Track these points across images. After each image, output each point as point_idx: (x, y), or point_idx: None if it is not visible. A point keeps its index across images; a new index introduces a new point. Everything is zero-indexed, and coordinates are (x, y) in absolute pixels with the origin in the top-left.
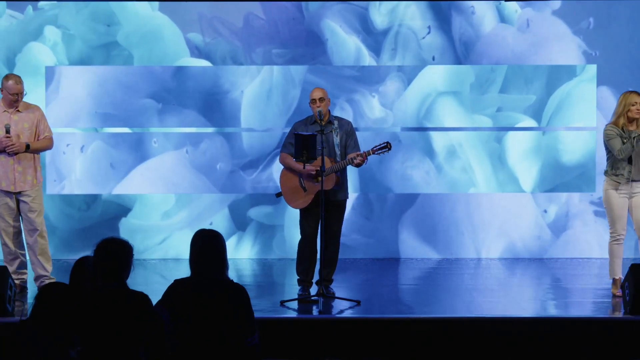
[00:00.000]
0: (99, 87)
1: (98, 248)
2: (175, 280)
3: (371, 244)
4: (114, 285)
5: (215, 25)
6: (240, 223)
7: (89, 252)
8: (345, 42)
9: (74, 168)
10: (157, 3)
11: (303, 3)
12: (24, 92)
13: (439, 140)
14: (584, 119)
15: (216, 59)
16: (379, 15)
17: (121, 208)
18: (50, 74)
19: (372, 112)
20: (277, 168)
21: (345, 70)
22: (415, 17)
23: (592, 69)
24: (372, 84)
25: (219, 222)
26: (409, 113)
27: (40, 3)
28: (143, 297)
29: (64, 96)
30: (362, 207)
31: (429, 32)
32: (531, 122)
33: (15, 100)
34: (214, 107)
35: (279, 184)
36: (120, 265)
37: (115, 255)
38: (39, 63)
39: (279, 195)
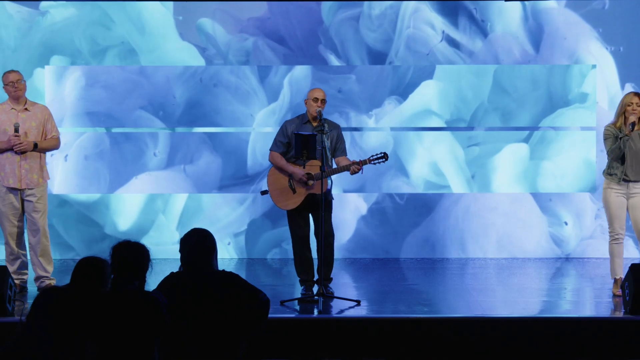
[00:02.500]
0: (99, 88)
1: (114, 251)
2: (172, 273)
3: (372, 244)
4: (131, 287)
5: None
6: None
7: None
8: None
9: (69, 170)
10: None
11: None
12: (23, 82)
13: (441, 141)
14: (584, 118)
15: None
16: (371, 33)
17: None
18: (50, 74)
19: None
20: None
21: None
22: (420, 19)
23: (594, 73)
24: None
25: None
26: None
27: (42, 4)
28: (156, 300)
29: (63, 96)
30: (363, 208)
31: (442, 39)
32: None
33: (15, 91)
34: (216, 108)
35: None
36: (137, 267)
37: (132, 257)
38: (43, 91)
39: (264, 193)
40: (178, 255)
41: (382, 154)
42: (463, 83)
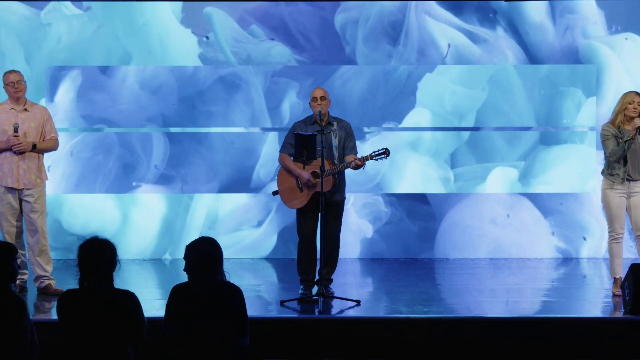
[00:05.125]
0: (98, 88)
1: (81, 250)
2: (174, 287)
3: (372, 244)
4: (100, 286)
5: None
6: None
7: None
8: None
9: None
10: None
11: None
12: (24, 82)
13: (445, 140)
14: (584, 118)
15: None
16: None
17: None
18: (50, 74)
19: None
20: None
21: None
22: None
23: (594, 70)
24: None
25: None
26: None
27: (44, 16)
28: (129, 296)
29: (63, 97)
30: (362, 209)
31: (447, 53)
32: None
33: (16, 91)
34: (216, 107)
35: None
36: (105, 266)
37: (99, 255)
38: None
39: (275, 193)
40: None
41: (384, 150)
42: (462, 84)
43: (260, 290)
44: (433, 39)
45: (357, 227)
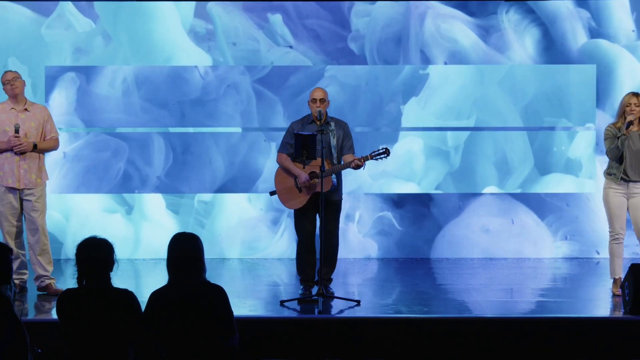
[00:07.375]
0: (99, 89)
1: (79, 250)
2: (152, 293)
3: (372, 244)
4: (98, 285)
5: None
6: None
7: None
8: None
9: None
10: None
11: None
12: (21, 80)
13: (448, 139)
14: (584, 118)
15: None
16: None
17: None
18: (50, 74)
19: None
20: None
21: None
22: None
23: (593, 69)
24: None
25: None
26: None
27: (47, 31)
28: (127, 295)
29: (63, 97)
30: (362, 208)
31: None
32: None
33: (12, 88)
34: (215, 107)
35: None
36: (103, 265)
37: (97, 255)
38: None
39: (272, 193)
40: None
41: (384, 149)
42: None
43: (260, 290)
44: (437, 40)
45: (356, 228)
